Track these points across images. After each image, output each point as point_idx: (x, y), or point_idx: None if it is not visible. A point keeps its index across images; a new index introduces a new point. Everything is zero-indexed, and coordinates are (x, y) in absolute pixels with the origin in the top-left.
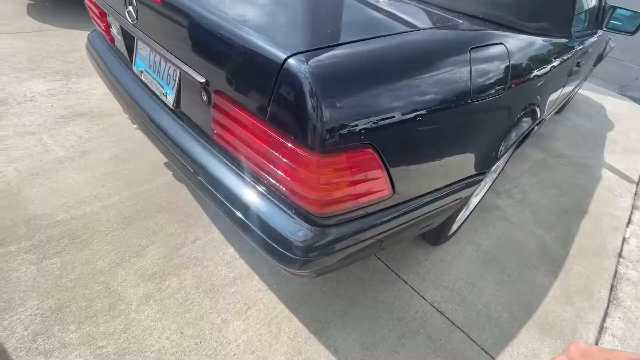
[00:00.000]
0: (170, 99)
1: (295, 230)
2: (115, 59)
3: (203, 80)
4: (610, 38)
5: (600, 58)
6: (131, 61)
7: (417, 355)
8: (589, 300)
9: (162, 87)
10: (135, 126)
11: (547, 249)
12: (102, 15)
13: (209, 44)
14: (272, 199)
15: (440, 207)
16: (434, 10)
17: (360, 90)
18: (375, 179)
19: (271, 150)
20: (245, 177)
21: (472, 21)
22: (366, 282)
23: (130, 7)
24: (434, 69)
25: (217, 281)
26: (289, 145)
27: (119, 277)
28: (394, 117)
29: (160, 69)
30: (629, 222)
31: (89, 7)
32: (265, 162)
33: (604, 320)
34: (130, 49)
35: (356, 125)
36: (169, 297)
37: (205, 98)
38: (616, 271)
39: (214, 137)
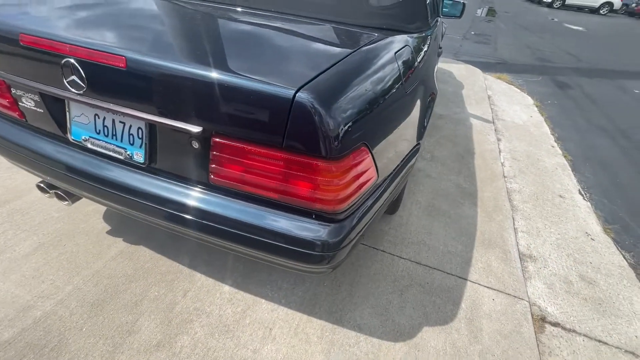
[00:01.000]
0: (139, 158)
1: (319, 232)
2: (31, 135)
3: (199, 129)
4: (443, 21)
5: (442, 37)
6: (64, 132)
7: (419, 302)
8: (501, 213)
9: (125, 149)
10: (65, 203)
11: (463, 187)
12: (4, 90)
13: (205, 96)
14: (290, 214)
15: (403, 178)
16: (353, 29)
17: (348, 102)
18: (369, 169)
19: (289, 171)
20: (256, 206)
21: (381, 32)
22: (355, 264)
23: (74, 77)
24: (382, 74)
25: (229, 320)
26: (308, 161)
27: None
28: (371, 116)
29: (115, 131)
30: (500, 150)
31: None
32: (282, 183)
33: (513, 224)
34: (59, 120)
35: (355, 130)
36: (188, 357)
37: (196, 145)
38: (507, 187)
39: (213, 178)
